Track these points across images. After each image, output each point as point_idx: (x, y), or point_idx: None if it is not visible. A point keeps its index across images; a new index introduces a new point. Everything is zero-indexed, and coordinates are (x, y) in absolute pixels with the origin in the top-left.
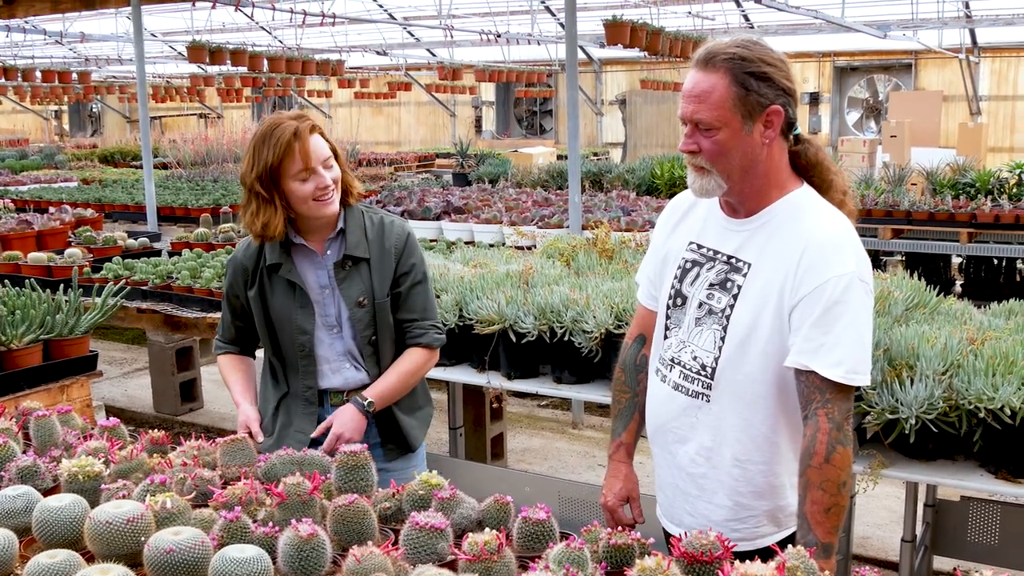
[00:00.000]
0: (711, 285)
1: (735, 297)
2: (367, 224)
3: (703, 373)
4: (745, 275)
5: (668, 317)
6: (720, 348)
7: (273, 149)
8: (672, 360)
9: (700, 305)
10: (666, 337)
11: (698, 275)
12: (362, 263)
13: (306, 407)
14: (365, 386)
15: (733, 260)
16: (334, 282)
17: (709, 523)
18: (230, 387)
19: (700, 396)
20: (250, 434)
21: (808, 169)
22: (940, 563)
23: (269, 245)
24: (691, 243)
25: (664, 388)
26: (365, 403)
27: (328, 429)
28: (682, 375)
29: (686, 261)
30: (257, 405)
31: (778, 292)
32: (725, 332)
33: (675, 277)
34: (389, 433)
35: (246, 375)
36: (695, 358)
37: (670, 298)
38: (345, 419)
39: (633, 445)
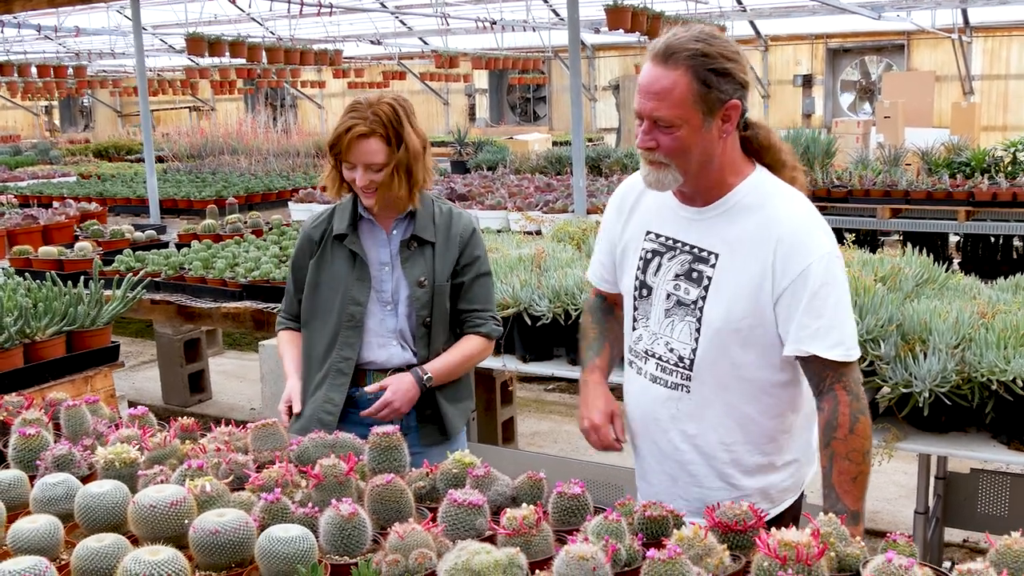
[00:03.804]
0: (677, 275)
1: (706, 289)
2: (436, 211)
3: (681, 365)
4: (713, 266)
5: (635, 308)
6: (696, 340)
7: (335, 130)
8: (646, 352)
9: (668, 296)
10: (634, 328)
11: (660, 265)
12: (427, 246)
13: (337, 377)
14: (410, 366)
15: (696, 250)
16: (396, 260)
17: (705, 505)
18: (283, 360)
19: (680, 387)
20: (289, 409)
21: (760, 152)
22: (951, 535)
23: (339, 215)
24: (649, 233)
25: (640, 380)
26: (424, 376)
27: (379, 390)
28: (658, 367)
29: (646, 252)
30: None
31: (756, 284)
32: (700, 324)
33: (638, 268)
34: (428, 417)
35: (300, 351)
36: (671, 350)
37: (635, 289)
38: (400, 387)
39: (608, 370)
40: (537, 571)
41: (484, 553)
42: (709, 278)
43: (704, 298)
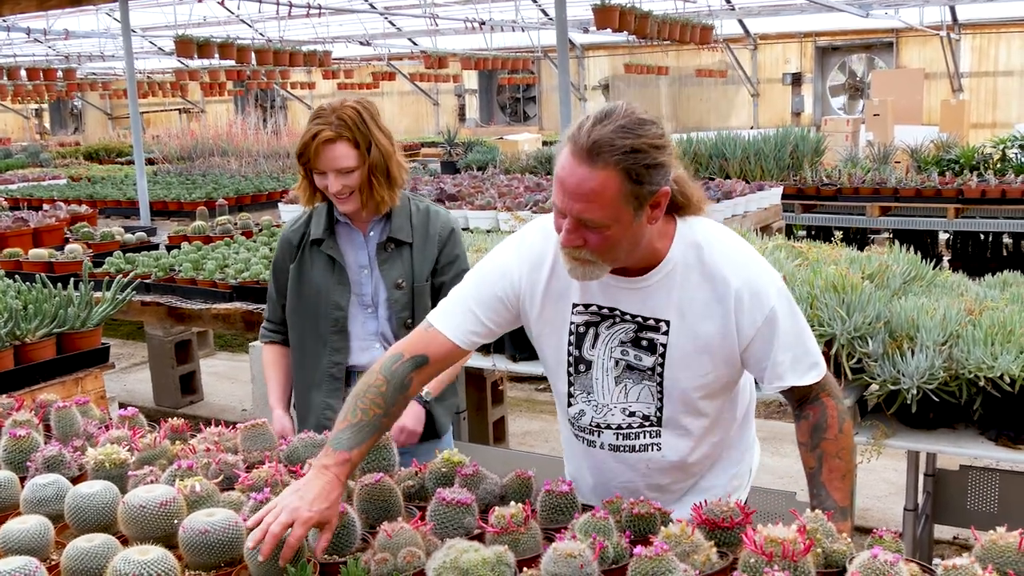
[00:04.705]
0: (623, 343)
1: (662, 356)
2: (412, 210)
3: (648, 423)
4: (666, 333)
5: (571, 384)
6: (660, 399)
7: (301, 139)
8: (596, 426)
9: (617, 363)
10: (570, 404)
11: (598, 335)
12: (404, 247)
13: (331, 383)
14: None
15: (640, 319)
16: (374, 263)
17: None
18: (268, 387)
19: (650, 447)
20: None
21: (681, 208)
22: (941, 532)
23: (315, 220)
24: (576, 306)
25: (599, 452)
26: (424, 395)
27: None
28: (618, 436)
29: (577, 325)
30: (291, 405)
31: (718, 342)
32: (662, 389)
33: (570, 344)
34: None
35: (287, 375)
36: (632, 414)
37: (570, 365)
38: (409, 412)
39: (356, 467)
40: (525, 569)
41: (472, 551)
42: (664, 345)
43: (662, 364)
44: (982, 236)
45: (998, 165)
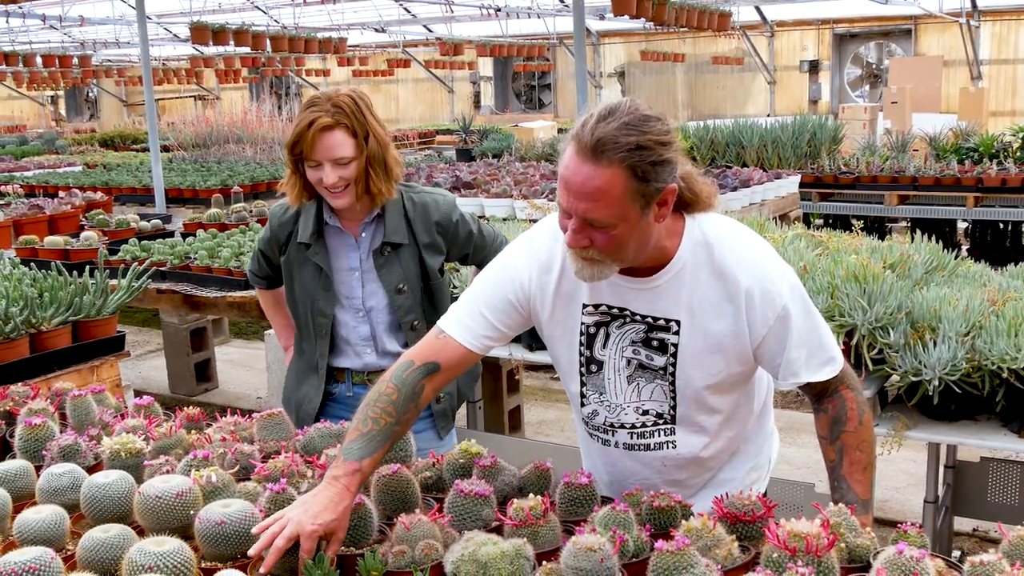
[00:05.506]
0: (634, 343)
1: (673, 356)
2: (407, 206)
3: (662, 420)
4: (676, 332)
5: (583, 384)
6: (673, 398)
7: (294, 128)
8: (610, 426)
9: (628, 362)
10: (583, 404)
11: (608, 335)
12: (402, 248)
13: (317, 381)
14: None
15: (651, 319)
16: (366, 266)
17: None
18: (275, 330)
19: (665, 445)
20: None
21: (690, 204)
22: (960, 523)
23: (303, 220)
24: (586, 306)
25: (613, 451)
26: None
27: None
28: (632, 435)
29: (587, 326)
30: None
31: (729, 340)
32: (674, 388)
33: (581, 344)
34: (441, 411)
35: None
36: (645, 412)
37: (582, 365)
38: None
39: (368, 477)
40: (544, 562)
41: (491, 544)
42: (675, 345)
43: (674, 364)
44: (1001, 225)
45: (1018, 153)
